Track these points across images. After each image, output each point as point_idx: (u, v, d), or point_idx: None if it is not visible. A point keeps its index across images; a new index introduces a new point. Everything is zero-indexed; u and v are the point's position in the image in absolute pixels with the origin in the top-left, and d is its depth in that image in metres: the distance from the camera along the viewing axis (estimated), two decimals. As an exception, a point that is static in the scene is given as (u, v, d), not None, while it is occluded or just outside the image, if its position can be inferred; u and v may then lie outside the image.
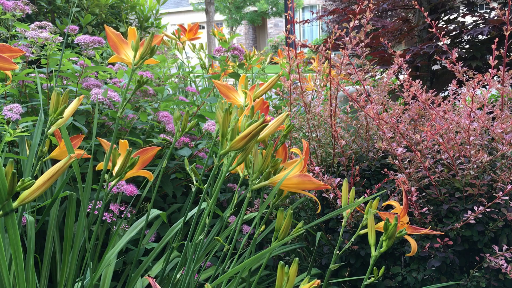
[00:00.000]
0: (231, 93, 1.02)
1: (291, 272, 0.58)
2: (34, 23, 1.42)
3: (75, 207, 0.98)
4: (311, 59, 2.22)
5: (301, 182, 0.76)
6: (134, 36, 0.87)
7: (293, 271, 0.58)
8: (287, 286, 0.58)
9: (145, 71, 1.50)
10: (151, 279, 0.62)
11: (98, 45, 1.39)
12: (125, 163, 0.82)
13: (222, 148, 0.71)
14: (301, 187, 0.77)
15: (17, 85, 1.37)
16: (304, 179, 0.76)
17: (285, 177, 0.74)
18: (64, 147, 0.98)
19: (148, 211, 1.01)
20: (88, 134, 1.37)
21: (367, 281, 0.83)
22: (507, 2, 1.30)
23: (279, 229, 0.73)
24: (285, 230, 0.72)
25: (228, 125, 0.70)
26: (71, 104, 0.95)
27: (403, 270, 1.15)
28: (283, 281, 0.58)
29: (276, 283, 0.58)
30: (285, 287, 0.58)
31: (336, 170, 1.31)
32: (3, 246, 0.69)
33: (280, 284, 0.58)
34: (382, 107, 1.32)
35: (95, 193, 1.01)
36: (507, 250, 1.02)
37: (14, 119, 1.12)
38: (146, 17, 2.75)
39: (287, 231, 0.72)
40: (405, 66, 1.38)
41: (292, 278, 0.58)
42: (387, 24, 3.00)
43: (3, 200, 0.59)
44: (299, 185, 0.77)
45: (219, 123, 0.72)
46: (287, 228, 0.72)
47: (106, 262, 0.99)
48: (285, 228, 0.72)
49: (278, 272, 0.59)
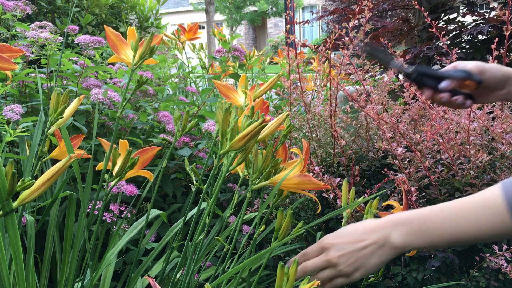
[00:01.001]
0: (231, 93, 1.02)
1: (291, 272, 0.58)
2: (34, 23, 1.42)
3: (75, 207, 0.98)
4: (311, 59, 2.22)
5: (301, 182, 0.76)
6: (134, 36, 0.87)
7: (293, 271, 0.58)
8: (287, 286, 0.58)
9: (145, 71, 1.50)
10: (151, 279, 0.62)
11: (98, 45, 1.39)
12: (125, 163, 0.82)
13: (222, 148, 0.71)
14: (301, 187, 0.77)
15: (17, 85, 1.38)
16: (304, 179, 0.76)
17: (285, 177, 0.74)
18: (64, 147, 0.98)
19: (148, 211, 1.01)
20: (88, 134, 1.37)
21: (367, 281, 0.83)
22: (507, 2, 1.30)
23: (279, 229, 0.73)
24: (285, 230, 0.72)
25: (228, 125, 0.70)
26: (71, 104, 0.95)
27: (403, 270, 1.15)
28: (283, 281, 0.58)
29: (276, 283, 0.58)
30: (285, 287, 0.58)
31: (336, 170, 1.31)
32: (3, 246, 0.69)
33: (280, 284, 0.58)
34: (382, 107, 1.32)
35: (95, 193, 1.01)
36: (507, 250, 1.02)
37: (14, 120, 1.12)
38: (146, 17, 2.76)
39: (287, 231, 0.72)
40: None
41: (292, 278, 0.58)
42: (387, 24, 3.00)
43: (3, 200, 0.59)
44: (299, 185, 0.77)
45: (219, 123, 0.72)
46: (287, 228, 0.72)
47: (106, 262, 0.99)
48: (285, 228, 0.72)
49: (278, 272, 0.59)
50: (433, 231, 0.60)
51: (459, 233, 0.58)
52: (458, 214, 0.58)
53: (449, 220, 0.59)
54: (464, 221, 0.58)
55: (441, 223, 0.59)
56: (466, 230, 0.58)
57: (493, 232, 0.57)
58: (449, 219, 0.59)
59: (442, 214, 0.59)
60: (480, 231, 0.57)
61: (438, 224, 0.59)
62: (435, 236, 0.59)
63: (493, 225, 0.56)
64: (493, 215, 0.56)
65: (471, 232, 0.58)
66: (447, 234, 0.59)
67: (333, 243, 0.65)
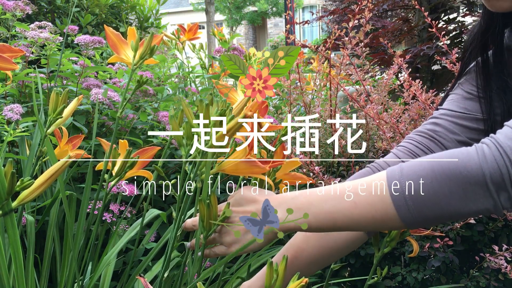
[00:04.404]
0: (231, 93, 1.02)
1: (280, 269, 0.56)
2: (34, 23, 1.42)
3: (75, 207, 0.98)
4: (311, 59, 2.22)
5: (247, 167, 0.73)
6: (134, 36, 0.87)
7: (282, 268, 0.56)
8: (277, 284, 0.56)
9: (145, 71, 1.50)
10: (143, 279, 0.62)
11: (98, 45, 1.39)
12: (125, 163, 0.82)
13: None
14: (248, 171, 0.74)
15: (17, 85, 1.37)
16: (250, 164, 0.73)
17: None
18: (64, 147, 0.98)
19: (144, 211, 1.01)
20: (88, 134, 1.37)
21: (370, 281, 0.83)
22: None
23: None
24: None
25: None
26: (71, 104, 0.95)
27: (403, 270, 1.15)
28: (272, 279, 0.56)
29: (265, 282, 0.56)
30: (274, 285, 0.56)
31: (336, 170, 1.31)
32: (3, 246, 0.69)
33: (269, 283, 0.56)
34: (382, 107, 1.32)
35: (95, 193, 1.01)
36: (507, 250, 1.02)
37: (14, 119, 1.12)
38: (146, 17, 2.76)
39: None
40: (405, 66, 1.38)
41: (281, 275, 0.56)
42: (387, 24, 3.00)
43: (2, 200, 0.59)
44: (246, 169, 0.73)
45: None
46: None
47: (106, 262, 0.99)
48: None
49: (266, 270, 0.56)
50: (312, 209, 0.56)
51: (335, 215, 0.55)
52: (340, 193, 0.56)
53: (328, 200, 0.56)
54: (342, 200, 0.55)
55: (320, 202, 0.56)
56: (342, 207, 0.55)
57: (369, 211, 0.54)
58: (329, 200, 0.56)
59: (324, 194, 0.57)
60: (356, 207, 0.54)
61: (318, 202, 0.56)
62: (312, 215, 0.56)
63: (369, 201, 0.54)
64: (373, 195, 0.54)
65: (346, 209, 0.55)
66: (324, 215, 0.56)
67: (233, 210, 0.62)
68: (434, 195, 0.51)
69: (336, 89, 1.34)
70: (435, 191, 0.51)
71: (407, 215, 0.53)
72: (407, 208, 0.52)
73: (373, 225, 0.56)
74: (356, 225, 0.56)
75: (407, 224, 0.54)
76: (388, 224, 0.55)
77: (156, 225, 1.30)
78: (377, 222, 0.55)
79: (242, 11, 17.66)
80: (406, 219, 0.53)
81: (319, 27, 16.31)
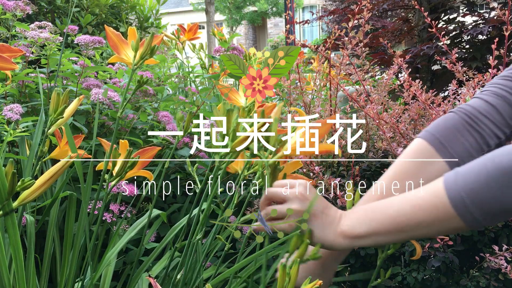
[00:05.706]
0: (232, 94, 1.03)
1: (293, 272, 0.58)
2: (34, 23, 1.42)
3: (75, 207, 0.98)
4: (311, 59, 2.22)
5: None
6: (134, 36, 0.87)
7: (294, 271, 0.58)
8: (289, 286, 0.58)
9: (145, 71, 1.50)
10: (152, 279, 0.62)
11: (98, 45, 1.39)
12: (125, 163, 0.82)
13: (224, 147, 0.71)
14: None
15: (17, 85, 1.37)
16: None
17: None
18: (64, 147, 0.98)
19: (150, 210, 1.01)
20: (88, 134, 1.37)
21: (374, 282, 0.83)
22: (507, 2, 1.30)
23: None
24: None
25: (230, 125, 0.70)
26: (71, 104, 0.95)
27: (403, 270, 1.15)
28: (284, 281, 0.58)
29: (278, 284, 0.58)
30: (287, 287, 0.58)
31: (336, 170, 1.31)
32: (3, 246, 0.69)
33: (282, 285, 0.58)
34: (382, 107, 1.32)
35: (95, 193, 1.01)
36: (507, 250, 1.02)
37: (14, 119, 1.12)
38: (146, 17, 2.76)
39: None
40: (405, 66, 1.38)
41: (294, 278, 0.58)
42: (387, 24, 3.01)
43: (3, 200, 0.59)
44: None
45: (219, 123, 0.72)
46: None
47: (106, 262, 0.99)
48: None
49: (279, 272, 0.59)
50: (377, 215, 0.60)
51: (399, 218, 0.58)
52: (401, 201, 0.59)
53: (392, 206, 0.59)
54: (406, 206, 0.58)
55: (384, 209, 0.60)
56: (408, 212, 0.58)
57: (434, 218, 0.56)
58: (393, 206, 0.59)
59: (387, 202, 0.60)
60: (420, 209, 0.57)
61: (382, 209, 0.60)
62: (378, 221, 0.59)
63: (432, 203, 0.56)
64: (434, 197, 0.56)
65: (412, 216, 0.57)
66: (388, 220, 0.59)
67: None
68: (489, 191, 0.52)
69: (336, 89, 1.34)
70: (490, 187, 0.52)
71: (466, 214, 0.54)
72: (464, 206, 0.54)
73: (438, 227, 0.58)
74: (420, 228, 0.58)
75: (467, 224, 0.55)
76: (452, 225, 0.56)
77: (156, 225, 1.30)
78: (442, 223, 0.57)
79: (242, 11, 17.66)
80: (466, 220, 0.55)
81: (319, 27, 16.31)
